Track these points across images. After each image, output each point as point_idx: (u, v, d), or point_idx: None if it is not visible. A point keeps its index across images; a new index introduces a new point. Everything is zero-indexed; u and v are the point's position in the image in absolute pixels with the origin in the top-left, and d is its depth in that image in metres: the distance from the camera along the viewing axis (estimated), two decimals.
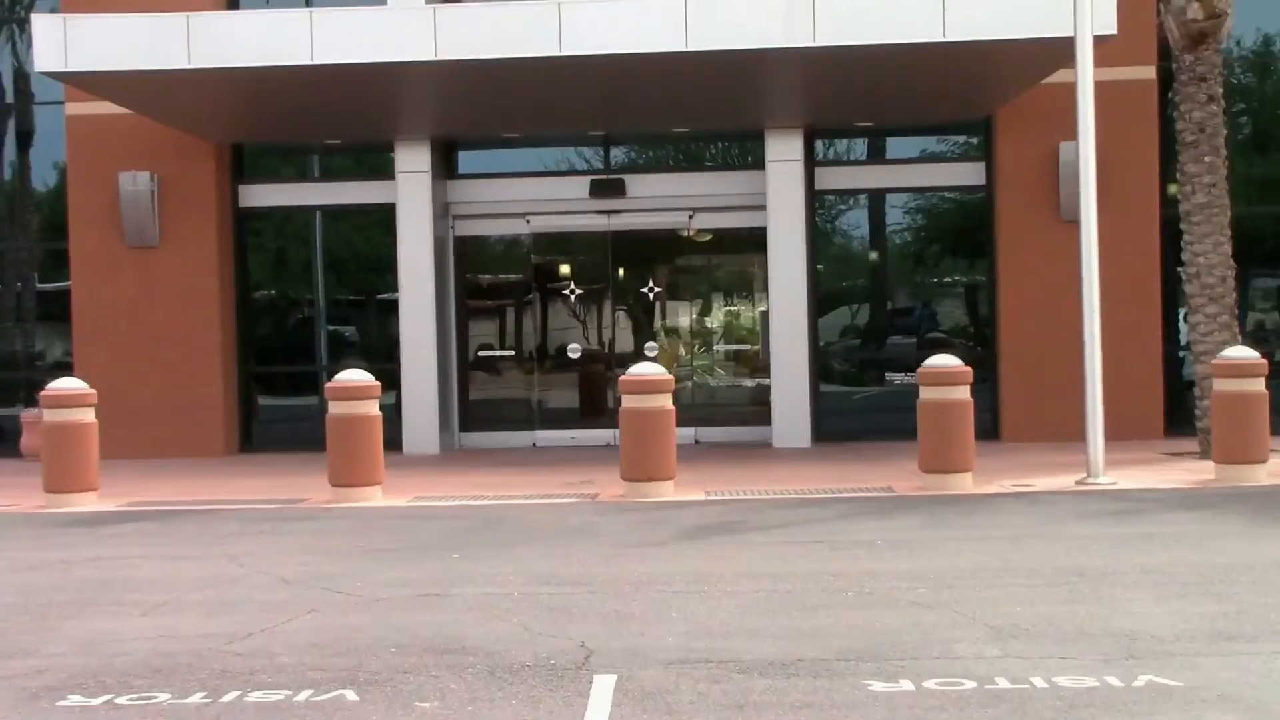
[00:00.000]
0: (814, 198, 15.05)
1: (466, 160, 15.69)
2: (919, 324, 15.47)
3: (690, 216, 15.34)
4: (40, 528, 9.62)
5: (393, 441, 13.88)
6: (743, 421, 15.44)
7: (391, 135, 14.87)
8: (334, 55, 11.59)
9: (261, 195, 15.46)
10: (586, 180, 15.32)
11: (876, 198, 15.42)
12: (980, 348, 15.05)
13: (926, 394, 10.44)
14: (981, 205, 14.99)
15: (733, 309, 15.82)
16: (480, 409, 15.75)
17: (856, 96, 13.48)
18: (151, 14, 11.97)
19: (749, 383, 15.68)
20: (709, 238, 15.71)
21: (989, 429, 14.32)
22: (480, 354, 15.75)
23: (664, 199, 15.29)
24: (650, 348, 15.35)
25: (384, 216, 15.34)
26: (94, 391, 10.82)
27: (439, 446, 14.80)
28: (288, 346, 15.88)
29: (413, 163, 14.92)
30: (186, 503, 10.84)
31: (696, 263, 15.78)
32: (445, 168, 15.43)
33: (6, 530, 9.53)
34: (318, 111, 13.57)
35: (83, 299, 14.95)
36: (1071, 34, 10.71)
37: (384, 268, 15.56)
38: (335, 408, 10.55)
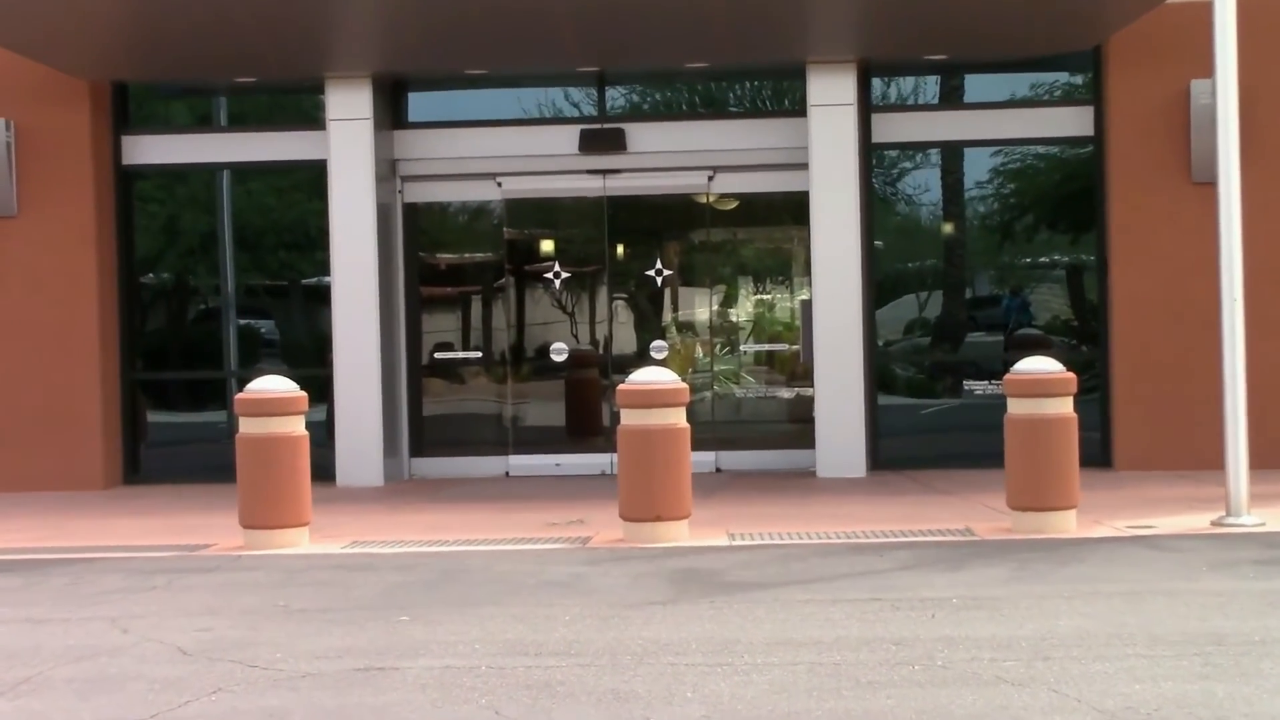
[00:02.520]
0: (870, 153, 15.04)
1: (419, 104, 15.69)
2: (1006, 317, 15.46)
3: (710, 178, 15.34)
4: None
5: (324, 470, 13.90)
6: (777, 444, 15.44)
7: (321, 70, 14.88)
8: None
9: (151, 149, 15.47)
10: (575, 131, 15.31)
11: (951, 153, 15.42)
12: (1086, 348, 15.05)
13: (1016, 408, 10.43)
14: (1088, 163, 14.98)
15: (765, 298, 15.81)
16: (437, 428, 15.75)
17: (926, 19, 13.48)
18: None
19: (786, 393, 15.68)
20: (734, 205, 15.70)
21: (1097, 453, 14.32)
22: (437, 356, 15.76)
23: (676, 155, 15.29)
24: (658, 348, 15.36)
25: (312, 177, 15.34)
26: None
27: (383, 476, 14.80)
28: (186, 346, 15.86)
29: (349, 107, 14.92)
30: (54, 550, 10.84)
31: (718, 238, 15.79)
32: (391, 114, 15.43)
33: None
34: (224, 38, 13.58)
35: None
36: None
37: (312, 244, 15.56)
38: (248, 426, 10.56)
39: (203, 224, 15.80)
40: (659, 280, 15.56)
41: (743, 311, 15.79)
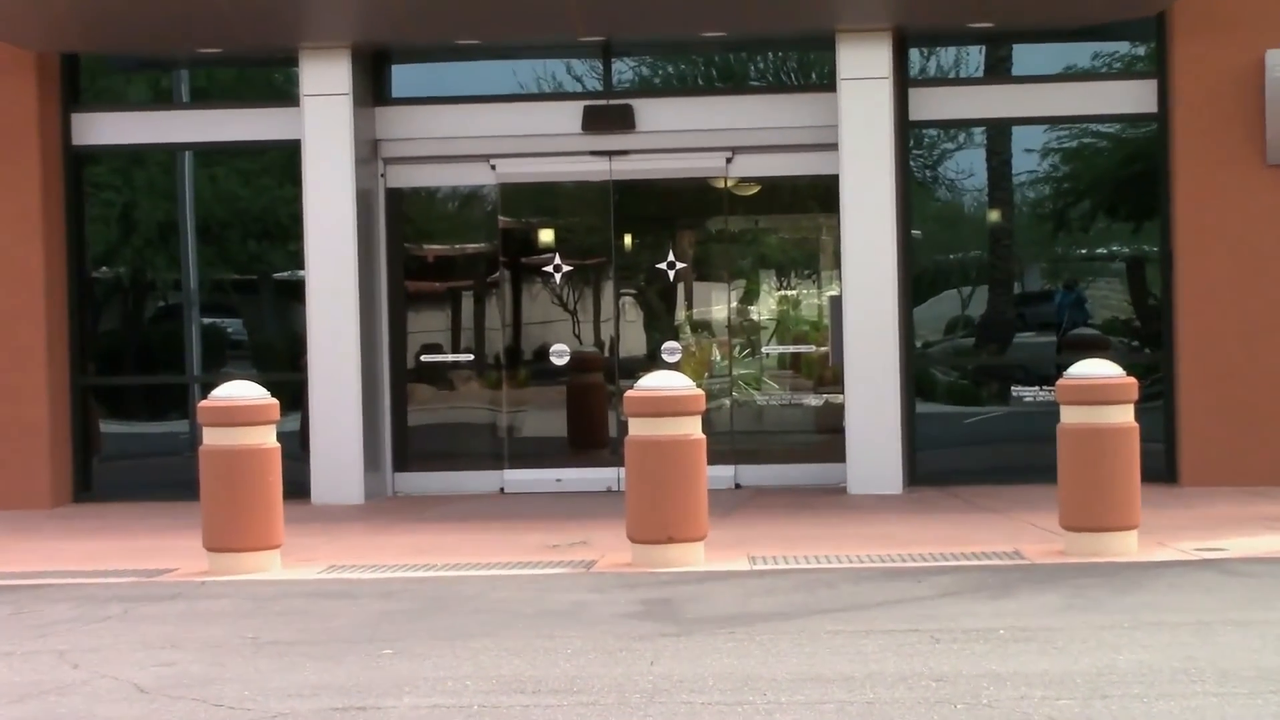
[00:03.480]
0: (907, 132, 15.03)
1: (404, 78, 15.69)
2: (1060, 315, 15.43)
3: (728, 160, 15.34)
4: None
5: (297, 486, 13.88)
6: (804, 456, 15.44)
7: (295, 40, 14.88)
8: None
9: (105, 128, 15.46)
10: (578, 107, 15.31)
11: (998, 132, 15.40)
12: (1149, 349, 15.03)
13: (1070, 416, 10.43)
14: (1150, 142, 14.96)
15: (789, 293, 15.81)
16: (424, 439, 15.76)
17: None
18: None
19: (813, 400, 15.67)
20: (755, 190, 15.70)
21: (1161, 467, 14.28)
22: (424, 359, 15.76)
23: (690, 134, 15.26)
24: (670, 350, 15.35)
25: (284, 160, 15.35)
26: None
27: (364, 493, 14.80)
28: (143, 348, 15.87)
29: (326, 81, 14.92)
30: None
31: (737, 226, 15.78)
32: (373, 89, 15.44)
33: None
34: (186, 3, 13.59)
35: None
36: None
37: (284, 234, 15.57)
38: (213, 437, 10.56)
39: (162, 212, 15.79)
40: (671, 274, 15.55)
41: (764, 309, 15.78)
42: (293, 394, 14.60)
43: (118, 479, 15.51)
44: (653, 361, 15.09)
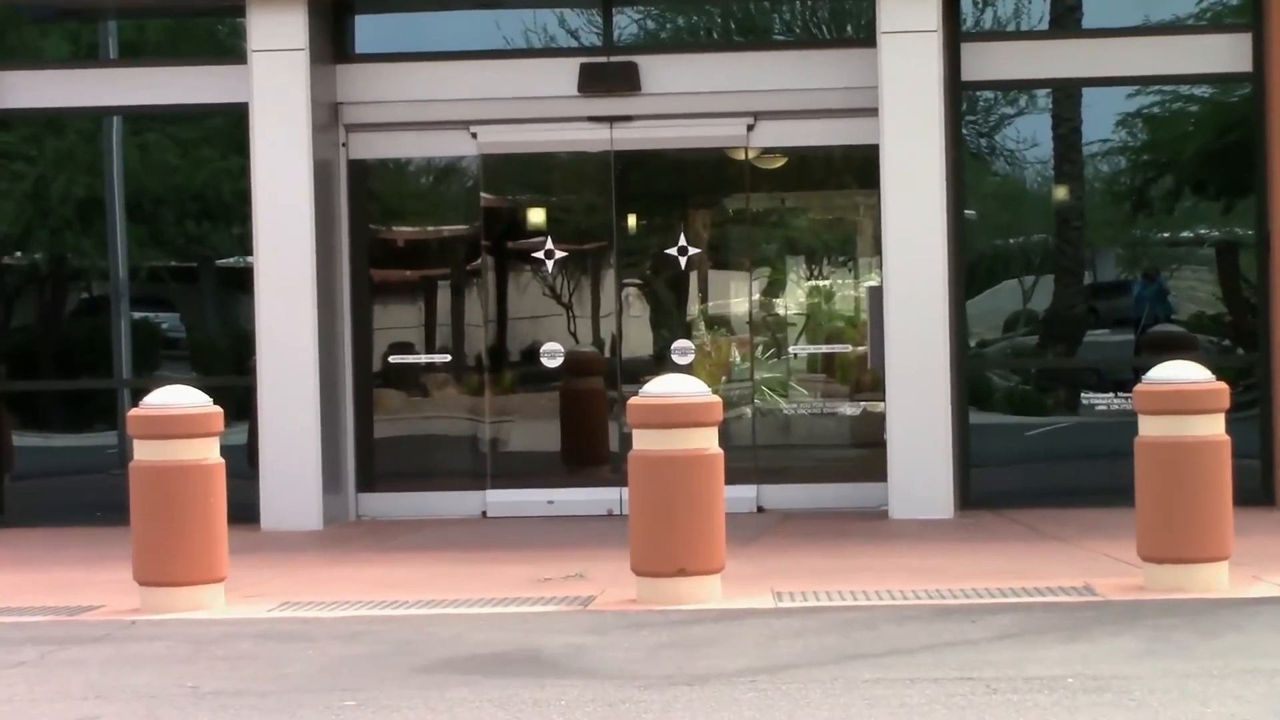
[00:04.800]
0: (960, 95, 15.03)
1: (369, 31, 15.72)
2: (1138, 309, 15.44)
3: (749, 127, 15.34)
4: None
5: (245, 509, 13.86)
6: (837, 475, 15.46)
7: None
8: None
9: (16, 89, 15.46)
10: (574, 65, 15.31)
11: (1066, 95, 15.40)
12: (1242, 349, 15.03)
13: (1150, 428, 10.42)
14: (1244, 107, 14.97)
15: (821, 284, 15.82)
16: (393, 454, 15.77)
17: None
18: None
19: (848, 409, 15.68)
20: (781, 163, 15.71)
21: (1256, 488, 14.28)
22: (394, 360, 15.77)
23: (704, 98, 15.27)
24: (681, 350, 15.35)
25: (229, 127, 15.37)
26: None
27: (322, 518, 14.80)
28: (63, 348, 15.89)
29: (278, 35, 14.91)
30: None
31: (760, 205, 15.79)
32: (333, 43, 15.44)
33: None
34: None
35: None
36: None
37: (229, 214, 15.58)
38: (145, 451, 10.55)
39: (85, 187, 15.78)
40: (683, 261, 15.55)
41: (792, 302, 15.80)
42: (239, 401, 14.61)
43: (33, 501, 15.52)
44: (661, 363, 15.12)
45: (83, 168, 15.85)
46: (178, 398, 10.63)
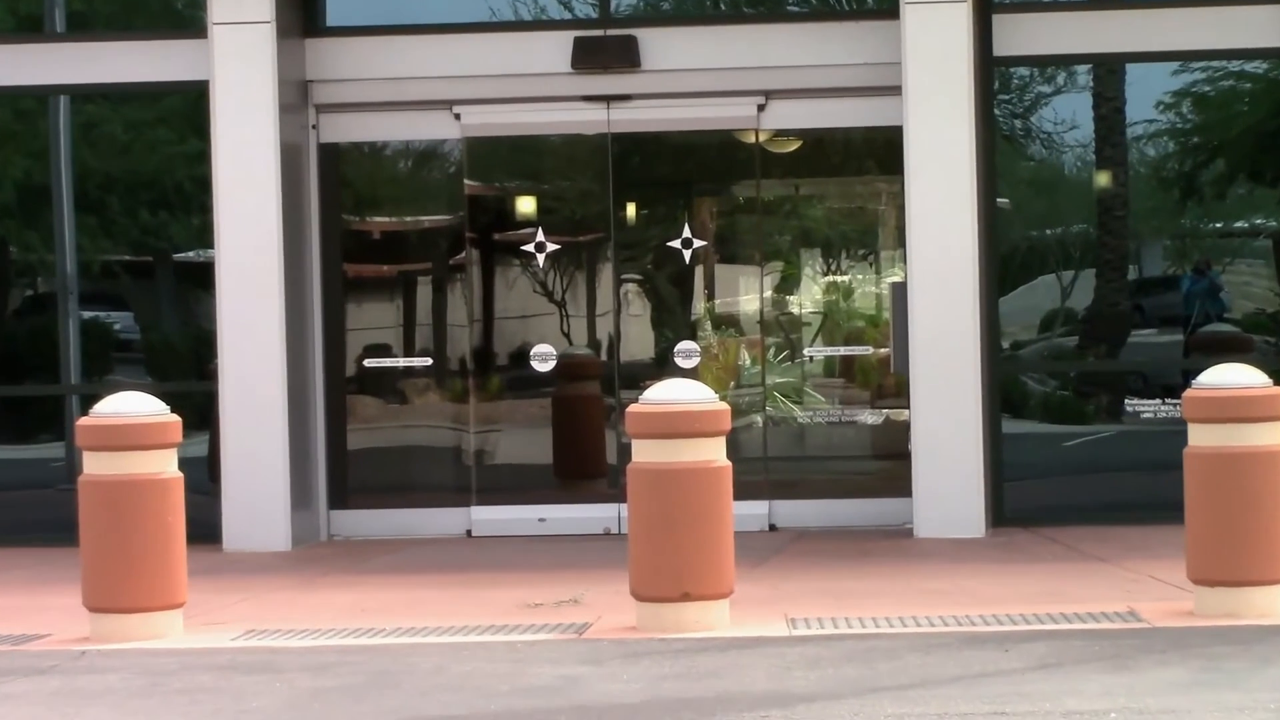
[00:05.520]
0: (991, 71, 15.03)
1: (341, 1, 15.69)
2: (1189, 307, 15.45)
3: (760, 107, 15.35)
4: None
5: (205, 528, 13.88)
6: (857, 490, 15.47)
7: None
8: None
9: None
10: (567, 39, 15.33)
11: (1108, 72, 15.41)
12: None
13: (1201, 438, 10.40)
14: None
15: (839, 279, 15.82)
16: (368, 467, 15.79)
17: None
18: None
19: (869, 417, 15.68)
20: (795, 146, 15.72)
21: None
22: (369, 364, 15.78)
23: (711, 74, 15.29)
24: (686, 352, 15.35)
25: (187, 107, 15.38)
26: None
27: (290, 537, 14.81)
28: (5, 350, 15.87)
29: (242, 5, 14.91)
30: None
31: (771, 193, 15.80)
32: (303, 15, 15.45)
33: None
34: None
35: None
36: None
37: (188, 202, 15.60)
38: (96, 464, 10.55)
39: (27, 173, 15.80)
40: (687, 255, 15.56)
41: (807, 299, 15.80)
42: (199, 409, 14.61)
43: None
44: (663, 367, 15.15)
45: (25, 152, 15.85)
46: (131, 405, 10.63)
